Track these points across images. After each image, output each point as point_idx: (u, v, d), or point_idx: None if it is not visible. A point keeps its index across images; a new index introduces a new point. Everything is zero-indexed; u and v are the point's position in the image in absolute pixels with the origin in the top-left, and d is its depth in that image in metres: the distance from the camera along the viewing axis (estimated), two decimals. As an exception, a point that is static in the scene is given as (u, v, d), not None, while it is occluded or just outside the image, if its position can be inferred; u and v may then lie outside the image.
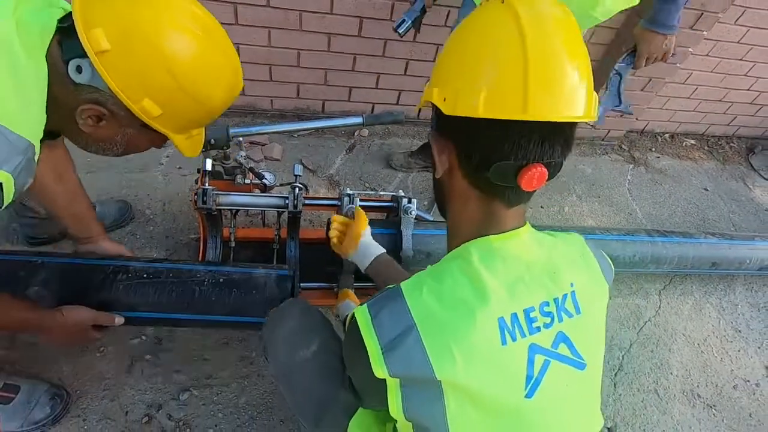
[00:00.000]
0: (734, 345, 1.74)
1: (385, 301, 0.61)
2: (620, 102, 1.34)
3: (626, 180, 2.36)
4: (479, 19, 0.61)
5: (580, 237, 0.73)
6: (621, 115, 1.51)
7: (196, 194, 1.24)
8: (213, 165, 1.28)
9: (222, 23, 1.79)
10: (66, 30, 0.67)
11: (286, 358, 0.88)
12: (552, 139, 0.57)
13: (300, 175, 1.32)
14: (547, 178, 0.58)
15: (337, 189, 1.89)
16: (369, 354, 0.58)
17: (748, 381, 1.64)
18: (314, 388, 0.85)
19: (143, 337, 1.33)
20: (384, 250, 1.13)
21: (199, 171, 1.30)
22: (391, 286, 0.63)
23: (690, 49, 2.09)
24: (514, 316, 0.58)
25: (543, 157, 0.57)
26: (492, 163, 0.58)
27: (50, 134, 0.77)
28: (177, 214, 1.65)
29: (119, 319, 1.03)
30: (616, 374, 1.55)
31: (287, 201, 1.29)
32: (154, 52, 0.67)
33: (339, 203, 1.36)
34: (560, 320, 0.62)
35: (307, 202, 1.37)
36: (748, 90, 2.54)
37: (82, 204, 1.14)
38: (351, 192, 1.35)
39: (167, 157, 1.84)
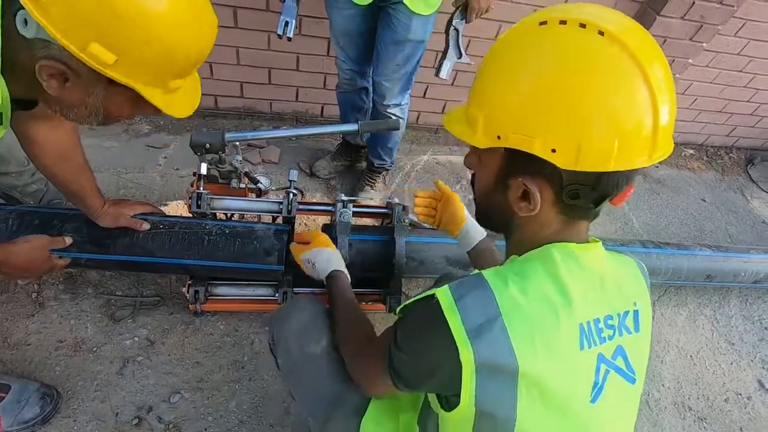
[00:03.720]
0: (727, 358, 1.74)
1: (469, 286, 0.59)
2: (462, 55, 1.44)
3: (624, 189, 2.36)
4: (579, 55, 0.52)
5: (633, 258, 0.74)
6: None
7: (190, 198, 1.25)
8: (208, 169, 1.28)
9: (221, 26, 1.80)
10: None
11: (296, 353, 0.89)
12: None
13: (294, 181, 1.33)
14: None
15: (333, 193, 1.89)
16: (454, 336, 0.56)
17: (740, 394, 1.64)
18: (324, 385, 0.85)
19: (136, 339, 1.34)
20: (484, 233, 1.09)
21: (195, 174, 1.31)
22: (474, 272, 0.62)
23: (690, 60, 2.09)
24: (589, 323, 0.59)
25: (631, 179, 0.58)
26: (603, 199, 0.58)
27: (27, 104, 0.75)
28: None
29: (68, 239, 1.10)
30: (607, 385, 1.55)
31: (281, 206, 1.30)
32: None
33: (333, 209, 1.36)
34: (620, 334, 0.63)
35: (301, 207, 1.37)
36: (747, 101, 2.54)
37: (81, 183, 1.10)
38: (345, 198, 1.35)
39: (165, 158, 1.84)
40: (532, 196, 0.59)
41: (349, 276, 1.05)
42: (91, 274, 1.43)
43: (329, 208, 1.40)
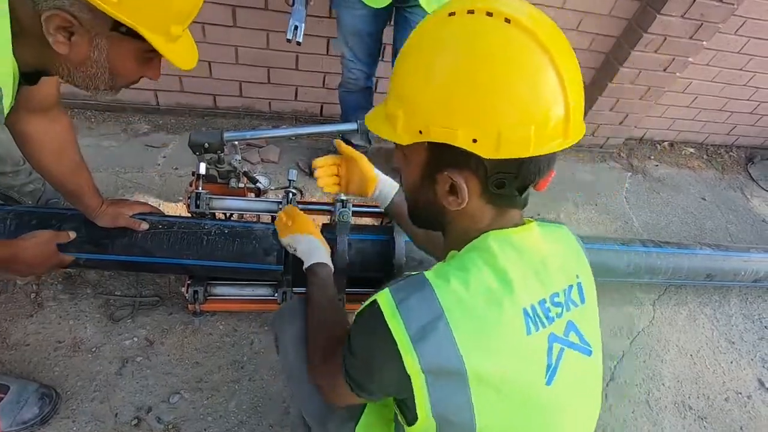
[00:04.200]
0: (727, 357, 1.74)
1: (410, 287, 0.58)
2: None
3: (624, 188, 2.36)
4: (487, 44, 0.52)
5: (565, 227, 0.73)
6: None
7: (189, 198, 1.25)
8: (207, 168, 1.28)
9: (220, 25, 1.79)
10: None
11: (294, 358, 0.88)
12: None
13: (294, 180, 1.32)
14: None
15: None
16: (397, 342, 0.55)
17: (740, 393, 1.64)
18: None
19: (135, 339, 1.33)
20: (396, 186, 1.06)
21: (194, 173, 1.30)
22: (413, 273, 0.61)
23: (690, 59, 2.08)
24: (534, 307, 0.59)
25: (553, 163, 0.60)
26: (527, 185, 0.59)
27: (30, 78, 0.75)
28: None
29: (72, 234, 1.10)
30: (607, 384, 1.55)
31: (281, 206, 1.30)
32: None
33: (333, 208, 1.36)
34: (568, 309, 0.63)
35: (300, 207, 1.37)
36: (747, 100, 2.54)
37: (77, 182, 1.09)
38: (345, 197, 1.35)
39: (164, 157, 1.84)
40: (460, 190, 0.58)
41: (331, 266, 1.02)
42: (89, 274, 1.43)
43: (329, 207, 1.39)
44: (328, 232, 1.34)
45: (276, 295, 1.34)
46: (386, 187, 1.07)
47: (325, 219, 1.52)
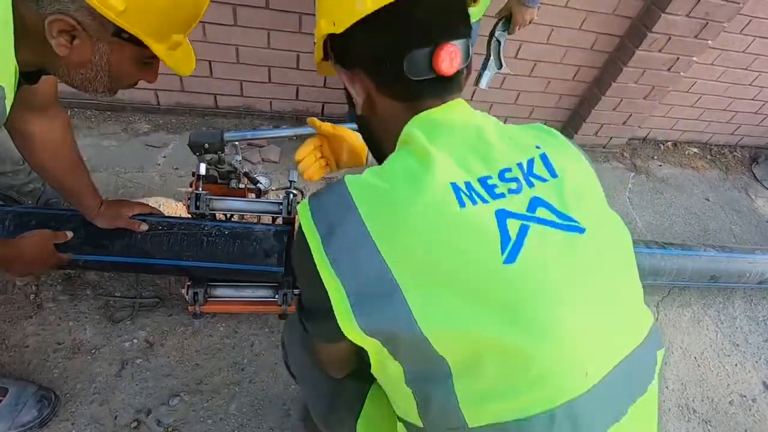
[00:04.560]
0: (732, 359, 1.72)
1: (325, 189, 0.55)
2: (502, 65, 1.45)
3: (627, 188, 2.34)
4: None
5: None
6: (504, 79, 1.55)
7: (189, 198, 1.24)
8: (207, 169, 1.27)
9: (221, 24, 1.78)
10: None
11: (300, 360, 0.87)
12: (443, 13, 0.56)
13: (295, 181, 1.31)
14: (462, 58, 0.57)
15: (334, 193, 1.88)
16: (310, 247, 0.50)
17: (745, 396, 1.63)
18: (322, 386, 0.82)
19: (135, 340, 1.33)
20: None
21: (194, 174, 1.29)
22: None
23: (694, 58, 2.06)
24: (468, 183, 0.53)
25: (445, 35, 0.55)
26: (403, 59, 0.55)
27: (30, 77, 0.76)
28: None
29: (69, 234, 1.09)
30: (610, 387, 1.53)
31: (281, 207, 1.28)
32: None
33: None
34: (530, 185, 0.55)
35: (301, 207, 1.36)
36: (752, 99, 2.52)
37: (75, 181, 1.09)
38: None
39: (164, 157, 1.83)
40: (355, 91, 0.60)
41: None
42: (89, 275, 1.42)
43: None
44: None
45: (276, 296, 1.33)
46: None
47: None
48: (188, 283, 1.28)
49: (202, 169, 1.25)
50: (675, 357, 1.67)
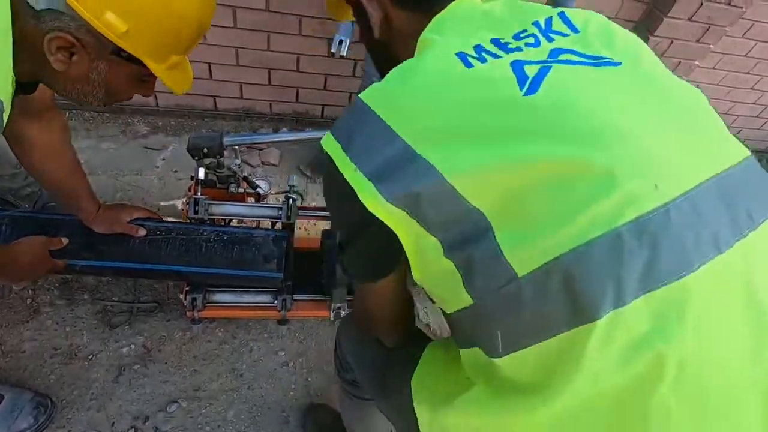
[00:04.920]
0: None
1: (346, 119, 0.52)
2: None
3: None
4: None
5: None
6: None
7: (187, 203, 1.22)
8: (206, 173, 1.25)
9: (221, 26, 1.77)
10: None
11: (354, 343, 0.83)
12: None
13: (294, 185, 1.30)
14: None
15: (334, 196, 1.87)
16: (337, 165, 0.48)
17: (746, 403, 1.62)
18: (374, 349, 0.76)
19: (132, 346, 1.31)
20: None
21: (192, 178, 1.28)
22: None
23: (696, 62, 2.06)
24: (479, 46, 0.50)
25: None
26: None
27: (27, 87, 0.75)
28: (175, 208, 1.63)
29: (64, 240, 1.09)
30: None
31: (281, 212, 1.27)
32: None
33: (334, 214, 1.34)
34: (550, 40, 0.52)
35: (301, 213, 1.35)
36: (753, 104, 2.51)
37: (72, 185, 1.09)
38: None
39: (163, 159, 1.82)
40: (372, 8, 0.59)
41: None
42: (87, 279, 1.41)
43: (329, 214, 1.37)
44: (329, 238, 1.32)
45: (276, 302, 1.32)
46: None
47: (326, 225, 1.50)
48: (186, 289, 1.27)
49: (201, 173, 1.24)
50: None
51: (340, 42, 1.35)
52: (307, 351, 1.40)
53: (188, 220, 1.24)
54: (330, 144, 0.50)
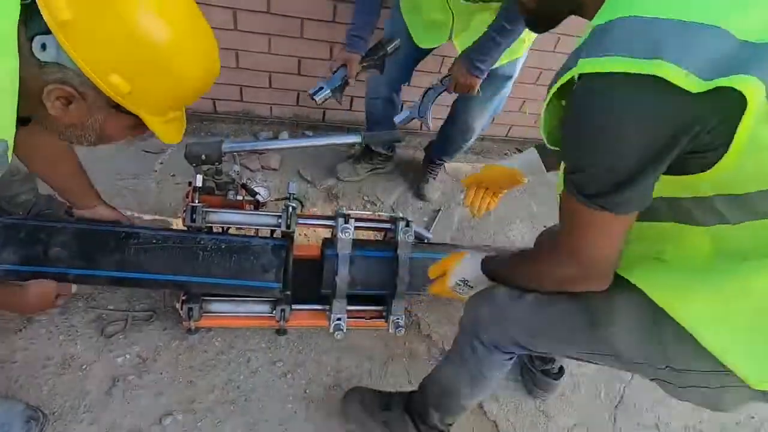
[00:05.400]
0: (739, 378, 1.68)
1: (598, 33, 0.55)
2: (425, 116, 1.48)
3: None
4: None
5: None
6: (421, 126, 1.66)
7: (184, 211, 1.20)
8: (204, 180, 1.23)
9: (221, 29, 1.74)
10: (28, 7, 0.62)
11: (534, 312, 0.84)
12: None
13: (294, 193, 1.27)
14: None
15: (335, 202, 1.84)
16: (671, 78, 0.49)
17: (753, 417, 1.59)
18: (564, 302, 0.79)
19: (127, 356, 1.28)
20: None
21: (190, 184, 1.25)
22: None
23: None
24: None
25: None
26: None
27: (21, 121, 0.74)
28: (168, 224, 1.60)
29: (74, 288, 1.19)
30: (616, 407, 1.49)
31: (280, 220, 1.24)
32: (121, 21, 0.63)
33: (334, 223, 1.31)
34: None
35: (300, 221, 1.32)
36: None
37: (75, 182, 1.18)
38: (346, 212, 1.30)
39: (161, 163, 1.79)
40: None
41: (482, 254, 0.96)
42: (82, 287, 1.38)
43: (330, 222, 1.34)
44: (329, 248, 1.29)
45: (274, 312, 1.29)
46: (529, 165, 1.09)
47: (326, 233, 1.47)
48: (183, 298, 1.24)
49: (199, 180, 1.21)
50: (682, 376, 1.63)
51: (321, 88, 1.39)
52: (305, 362, 1.37)
53: (185, 228, 1.21)
54: (627, 63, 0.50)
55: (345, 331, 1.29)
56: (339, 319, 1.29)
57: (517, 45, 1.33)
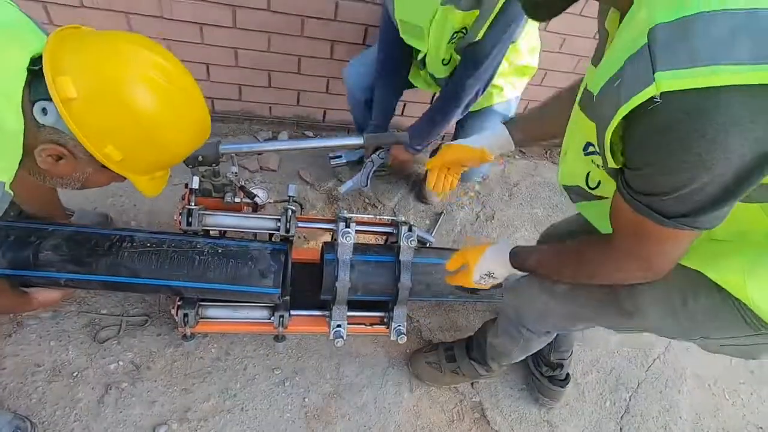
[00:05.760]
0: (747, 387, 1.65)
1: (669, 41, 0.45)
2: (367, 184, 1.63)
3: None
4: None
5: None
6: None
7: (180, 214, 1.16)
8: (201, 182, 1.19)
9: (220, 27, 1.69)
10: (35, 72, 0.67)
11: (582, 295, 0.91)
12: None
13: (294, 196, 1.23)
14: None
15: (335, 204, 1.80)
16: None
17: (761, 428, 1.56)
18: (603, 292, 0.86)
19: (120, 362, 1.25)
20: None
21: (186, 186, 1.21)
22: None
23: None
24: None
25: None
26: None
27: None
28: (164, 227, 1.56)
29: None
30: (622, 417, 1.46)
31: (279, 223, 1.21)
32: (120, 102, 0.69)
33: (334, 226, 1.27)
34: None
35: (300, 224, 1.28)
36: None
37: (48, 210, 1.21)
38: (348, 215, 1.26)
39: (158, 164, 1.74)
40: None
41: (510, 244, 0.97)
42: (75, 290, 1.34)
43: (330, 225, 1.30)
44: (329, 253, 1.26)
45: (272, 318, 1.25)
46: (498, 140, 1.08)
47: (326, 237, 1.44)
48: (179, 303, 1.20)
49: (195, 182, 1.17)
50: (688, 385, 1.60)
51: (339, 156, 1.62)
52: (304, 369, 1.34)
53: (181, 231, 1.18)
54: (740, 74, 0.42)
55: (345, 338, 1.25)
56: (339, 326, 1.26)
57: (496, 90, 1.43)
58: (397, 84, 1.52)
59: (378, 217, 1.38)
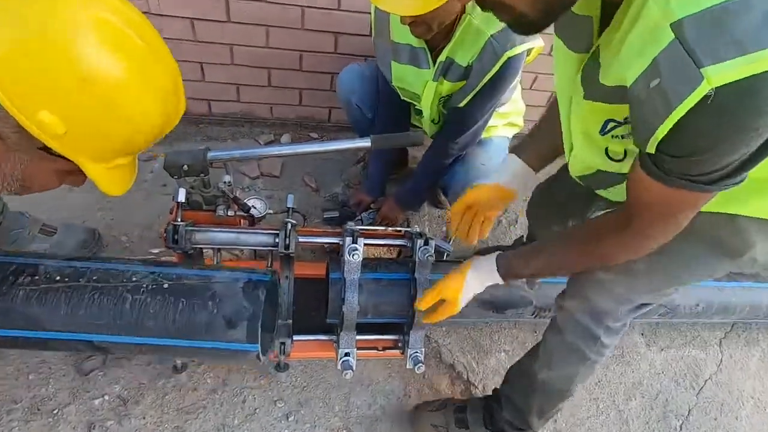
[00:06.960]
0: (813, 411, 1.45)
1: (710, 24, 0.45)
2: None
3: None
4: None
5: None
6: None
7: (165, 231, 1.02)
8: (189, 194, 1.05)
9: (212, 20, 1.55)
10: None
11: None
12: None
13: (293, 207, 1.09)
14: None
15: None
16: None
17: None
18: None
19: (106, 397, 1.12)
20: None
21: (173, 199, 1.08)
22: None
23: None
24: None
25: None
26: None
27: None
28: (156, 240, 1.43)
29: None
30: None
31: (278, 239, 1.06)
32: (54, 46, 0.52)
33: (340, 240, 1.12)
34: None
35: (302, 238, 1.13)
36: None
37: None
38: (355, 228, 1.11)
39: (151, 173, 1.62)
40: None
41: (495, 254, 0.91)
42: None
43: (336, 240, 1.15)
44: (335, 271, 1.11)
45: (263, 358, 1.06)
46: (517, 175, 0.97)
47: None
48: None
49: (182, 195, 1.04)
50: (746, 409, 1.41)
51: (332, 210, 1.57)
52: (310, 400, 1.20)
53: (115, 258, 0.96)
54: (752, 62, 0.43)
55: (354, 369, 1.10)
56: (348, 355, 1.11)
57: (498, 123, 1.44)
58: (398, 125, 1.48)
59: (389, 228, 1.22)
